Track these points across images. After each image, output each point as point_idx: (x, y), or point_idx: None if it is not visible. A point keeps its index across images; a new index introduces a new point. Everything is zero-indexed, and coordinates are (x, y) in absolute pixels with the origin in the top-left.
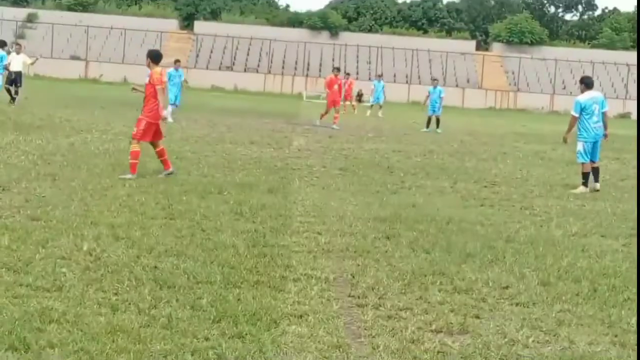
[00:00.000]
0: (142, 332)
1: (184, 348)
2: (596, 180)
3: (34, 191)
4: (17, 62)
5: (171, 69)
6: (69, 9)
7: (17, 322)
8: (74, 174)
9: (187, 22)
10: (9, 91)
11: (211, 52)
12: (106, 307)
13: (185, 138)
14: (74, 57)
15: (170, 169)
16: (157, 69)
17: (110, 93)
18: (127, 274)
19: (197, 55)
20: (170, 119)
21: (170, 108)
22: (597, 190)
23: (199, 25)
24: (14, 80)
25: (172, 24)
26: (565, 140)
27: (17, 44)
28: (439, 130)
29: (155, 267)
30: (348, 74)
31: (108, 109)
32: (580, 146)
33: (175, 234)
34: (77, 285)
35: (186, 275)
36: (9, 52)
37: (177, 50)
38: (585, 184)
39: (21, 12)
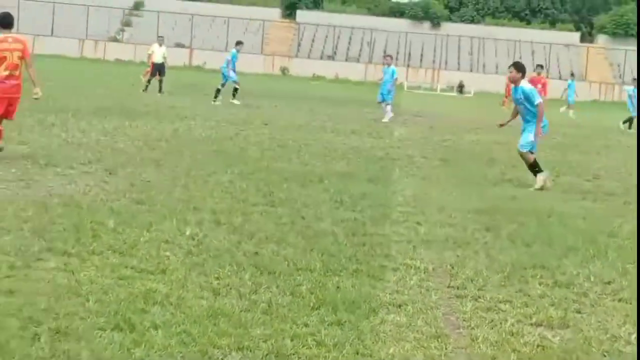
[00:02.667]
0: (243, 317)
1: (283, 333)
2: None
3: (139, 176)
4: (159, 54)
5: (385, 66)
6: None
7: (122, 303)
8: (178, 160)
9: (290, 10)
10: (149, 81)
11: (313, 41)
12: (208, 290)
13: (287, 126)
14: (179, 45)
15: None
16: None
17: (213, 80)
18: (229, 259)
19: (299, 45)
20: (390, 114)
21: (389, 107)
22: None
23: (301, 14)
24: (159, 71)
25: (275, 12)
26: None
27: (160, 36)
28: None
29: (256, 253)
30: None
31: (211, 96)
32: None
33: (275, 221)
34: (180, 268)
35: (286, 262)
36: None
37: (279, 39)
38: None
39: (128, 0)
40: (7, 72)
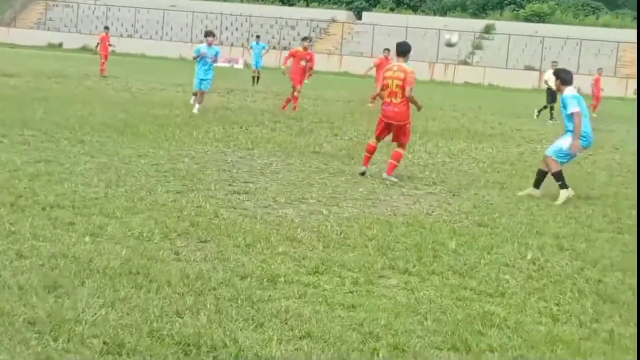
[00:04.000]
0: (582, 345)
1: None
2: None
3: (482, 198)
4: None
5: None
6: (526, 19)
7: (459, 324)
8: (522, 183)
9: None
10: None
11: None
12: (547, 316)
13: None
14: (528, 68)
15: None
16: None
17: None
18: (570, 286)
19: None
20: None
21: None
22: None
23: None
24: (552, 96)
25: (631, 34)
26: None
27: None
28: None
29: (599, 280)
30: None
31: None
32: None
33: (622, 249)
34: (519, 292)
35: (631, 292)
36: None
37: (634, 61)
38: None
39: (479, 24)
40: (388, 99)
